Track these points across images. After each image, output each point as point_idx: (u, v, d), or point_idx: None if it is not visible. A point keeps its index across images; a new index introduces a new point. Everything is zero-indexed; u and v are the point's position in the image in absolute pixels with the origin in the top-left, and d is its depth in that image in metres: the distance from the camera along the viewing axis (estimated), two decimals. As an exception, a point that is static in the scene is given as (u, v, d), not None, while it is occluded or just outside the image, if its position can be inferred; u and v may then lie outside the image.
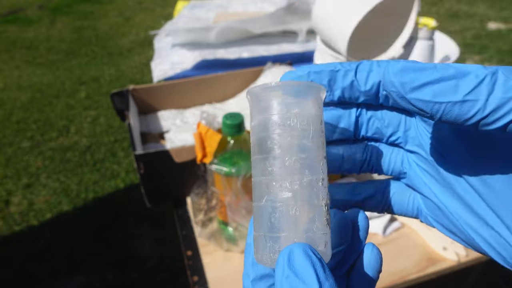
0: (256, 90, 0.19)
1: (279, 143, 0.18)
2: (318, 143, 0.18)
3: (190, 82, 0.97)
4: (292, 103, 0.18)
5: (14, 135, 2.09)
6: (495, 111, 0.15)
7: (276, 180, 0.18)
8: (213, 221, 0.71)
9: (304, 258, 0.16)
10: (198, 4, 1.48)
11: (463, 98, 0.15)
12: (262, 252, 0.18)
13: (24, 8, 3.81)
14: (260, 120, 0.19)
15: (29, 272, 1.40)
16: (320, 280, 0.16)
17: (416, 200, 0.22)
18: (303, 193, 0.18)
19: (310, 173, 0.18)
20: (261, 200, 0.18)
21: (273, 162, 0.18)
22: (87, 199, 1.69)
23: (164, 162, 0.74)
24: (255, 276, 0.19)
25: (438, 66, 0.15)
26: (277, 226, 0.18)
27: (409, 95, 0.16)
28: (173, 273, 1.38)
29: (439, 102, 0.15)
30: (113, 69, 2.71)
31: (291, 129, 0.18)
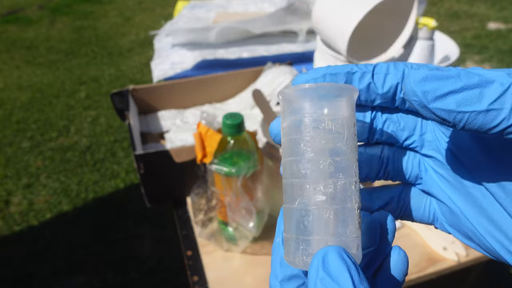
0: (289, 91, 0.19)
1: (312, 146, 0.18)
2: (352, 146, 0.18)
3: (190, 82, 0.97)
4: (326, 105, 0.18)
5: (14, 135, 2.09)
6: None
7: (309, 183, 0.18)
8: (213, 221, 0.71)
9: (339, 261, 0.16)
10: (198, 4, 1.48)
11: (487, 107, 0.15)
12: (294, 254, 0.18)
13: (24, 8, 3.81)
14: (293, 121, 0.19)
15: (29, 272, 1.40)
16: (355, 283, 0.15)
17: (432, 206, 0.22)
18: (337, 197, 0.18)
19: (344, 176, 0.18)
20: (294, 202, 0.18)
21: (307, 165, 0.18)
22: (87, 199, 1.69)
23: (164, 162, 0.74)
24: (284, 276, 0.19)
25: (461, 74, 0.15)
26: (310, 229, 0.18)
27: (432, 104, 0.15)
28: (173, 273, 1.38)
29: (462, 111, 0.15)
30: (113, 69, 2.71)
31: (325, 131, 0.18)
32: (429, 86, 0.15)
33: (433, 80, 0.15)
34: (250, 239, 0.67)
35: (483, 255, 0.69)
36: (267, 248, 0.69)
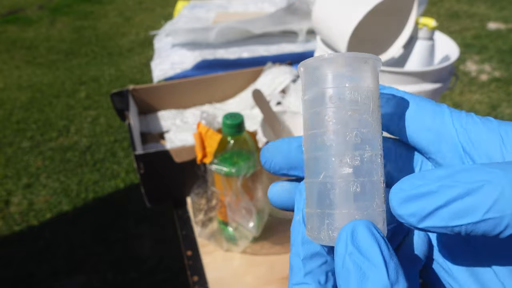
0: (311, 61, 0.18)
1: (338, 117, 0.17)
2: (377, 118, 0.18)
3: (190, 82, 0.97)
4: (351, 76, 0.17)
5: (14, 135, 2.09)
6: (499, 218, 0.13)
7: (335, 156, 0.17)
8: (213, 221, 0.71)
9: (368, 235, 0.15)
10: (198, 4, 1.48)
11: (483, 217, 0.13)
12: (319, 229, 0.17)
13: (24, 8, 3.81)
14: (316, 93, 0.18)
15: (29, 272, 1.40)
16: (385, 258, 0.15)
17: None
18: (364, 169, 0.17)
19: (370, 149, 0.17)
20: (318, 176, 0.18)
21: (333, 137, 0.17)
22: (87, 199, 1.69)
23: (164, 162, 0.74)
24: (306, 254, 0.19)
25: (444, 185, 0.14)
26: (336, 203, 0.17)
27: (421, 225, 0.14)
28: (173, 273, 1.38)
29: (457, 225, 0.14)
30: (113, 69, 2.71)
31: (352, 102, 0.17)
32: (412, 208, 0.14)
33: (414, 200, 0.14)
34: (250, 239, 0.67)
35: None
36: (267, 248, 0.69)
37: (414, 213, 0.14)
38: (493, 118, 0.17)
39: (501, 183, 0.13)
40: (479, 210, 0.13)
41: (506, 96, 2.24)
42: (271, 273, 0.66)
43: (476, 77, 2.43)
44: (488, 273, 0.17)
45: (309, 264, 0.19)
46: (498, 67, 2.52)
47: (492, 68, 2.52)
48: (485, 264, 0.17)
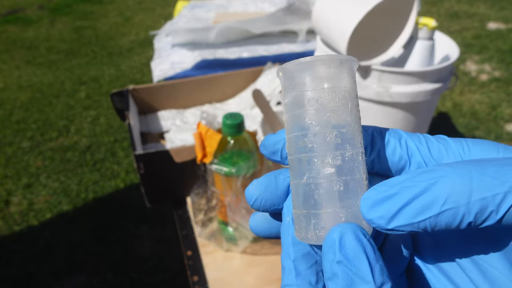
0: (289, 66, 0.18)
1: (318, 119, 0.18)
2: (356, 117, 0.18)
3: (190, 82, 0.97)
4: (328, 77, 0.18)
5: (14, 135, 2.09)
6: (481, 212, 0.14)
7: (317, 157, 0.18)
8: (213, 221, 0.71)
9: (355, 242, 0.16)
10: (198, 4, 1.48)
11: (441, 209, 0.15)
12: (307, 230, 0.18)
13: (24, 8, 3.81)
14: (295, 96, 0.18)
15: (29, 272, 1.40)
16: (371, 262, 0.16)
17: None
18: (346, 168, 0.18)
19: (351, 147, 0.18)
20: (302, 177, 0.18)
21: (313, 138, 0.18)
22: (87, 199, 1.69)
23: (164, 162, 0.74)
24: (296, 255, 0.19)
25: (405, 186, 0.15)
26: (321, 202, 0.18)
27: (390, 225, 0.16)
28: (173, 273, 1.38)
29: (421, 220, 0.15)
30: (113, 69, 2.71)
31: (331, 103, 0.18)
32: (379, 211, 0.16)
33: (380, 204, 0.16)
34: (250, 239, 0.67)
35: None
36: (267, 248, 0.69)
37: (382, 215, 0.16)
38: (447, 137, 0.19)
39: (453, 178, 0.14)
40: (436, 204, 0.15)
41: (506, 96, 2.24)
42: (271, 273, 0.66)
43: (476, 77, 2.43)
44: (454, 268, 0.18)
45: (300, 265, 0.19)
46: (498, 67, 2.52)
47: (492, 68, 2.52)
48: (451, 259, 0.18)
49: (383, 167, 0.20)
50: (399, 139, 0.19)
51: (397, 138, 0.20)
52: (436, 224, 0.15)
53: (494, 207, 0.14)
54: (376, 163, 0.20)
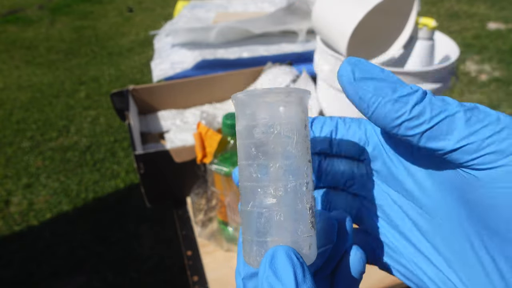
0: (241, 96, 0.19)
1: (262, 150, 0.18)
2: (302, 148, 0.19)
3: (190, 82, 0.97)
4: (276, 110, 0.19)
5: (14, 135, 2.09)
6: (417, 117, 0.16)
7: (261, 187, 0.18)
8: (213, 221, 0.71)
9: (285, 260, 0.17)
10: (198, 4, 1.48)
11: (397, 98, 0.17)
12: (249, 255, 0.19)
13: (24, 8, 3.81)
14: (245, 126, 0.19)
15: (29, 272, 1.40)
16: (298, 281, 0.17)
17: (370, 245, 0.23)
18: (287, 199, 0.18)
19: (294, 179, 0.18)
20: (247, 205, 0.19)
21: (258, 168, 0.18)
22: (87, 199, 1.69)
23: (164, 162, 0.74)
24: (246, 274, 0.20)
25: (385, 72, 0.18)
26: (262, 231, 0.18)
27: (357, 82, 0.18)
28: (173, 273, 1.38)
29: (377, 95, 0.17)
30: (113, 69, 2.71)
31: (275, 136, 0.18)
32: (360, 67, 0.18)
33: (362, 65, 0.18)
34: (250, 239, 0.67)
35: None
36: (267, 248, 0.69)
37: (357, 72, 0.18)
38: None
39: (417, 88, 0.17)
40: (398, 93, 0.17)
41: (506, 96, 2.24)
42: (271, 273, 0.65)
43: (476, 77, 2.43)
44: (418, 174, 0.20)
45: (248, 283, 0.20)
46: (498, 67, 2.52)
47: (492, 68, 2.52)
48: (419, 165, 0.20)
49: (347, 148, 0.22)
50: (359, 124, 0.22)
51: (357, 123, 0.22)
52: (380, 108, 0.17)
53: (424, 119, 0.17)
54: (341, 145, 0.22)
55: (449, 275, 0.19)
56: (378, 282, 0.64)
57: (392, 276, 0.70)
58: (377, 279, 0.65)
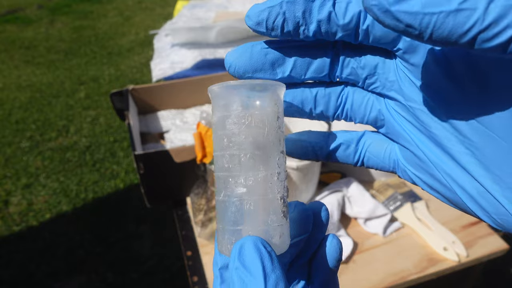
0: (215, 88, 0.19)
1: (234, 141, 0.19)
2: (274, 139, 0.19)
3: (190, 82, 0.97)
4: (248, 102, 0.19)
5: (13, 135, 2.09)
6: (496, 22, 0.12)
7: (232, 176, 0.19)
8: (213, 221, 0.71)
9: (253, 251, 0.17)
10: (198, 3, 1.48)
11: (458, 7, 0.12)
12: (221, 243, 0.19)
13: (23, 8, 3.81)
14: (218, 117, 0.20)
15: (29, 273, 1.40)
16: (266, 271, 0.17)
17: (394, 152, 0.21)
18: (258, 188, 0.19)
19: (264, 169, 0.19)
20: (220, 194, 0.19)
21: (230, 159, 0.19)
22: (87, 199, 1.69)
23: (164, 162, 0.74)
24: (222, 264, 0.20)
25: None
26: (233, 219, 0.19)
27: (394, 7, 0.13)
28: (173, 273, 1.38)
29: (430, 13, 0.13)
30: (113, 69, 2.70)
31: (246, 127, 0.19)
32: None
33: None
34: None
35: (484, 255, 0.68)
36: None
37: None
38: None
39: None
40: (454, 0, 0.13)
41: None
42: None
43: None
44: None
45: (225, 273, 0.20)
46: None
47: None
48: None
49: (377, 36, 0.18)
50: None
51: None
52: (440, 26, 0.13)
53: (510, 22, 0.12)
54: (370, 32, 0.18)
55: (491, 189, 0.16)
56: (378, 283, 0.64)
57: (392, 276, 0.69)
58: (377, 279, 0.65)
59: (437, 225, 0.72)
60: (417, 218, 0.73)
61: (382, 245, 0.70)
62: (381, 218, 0.73)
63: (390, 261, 0.67)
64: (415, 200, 0.78)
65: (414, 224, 0.73)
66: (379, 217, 0.73)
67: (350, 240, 0.70)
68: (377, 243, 0.71)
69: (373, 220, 0.73)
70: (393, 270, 0.66)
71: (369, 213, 0.72)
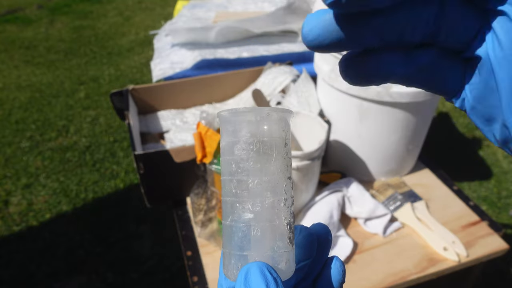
0: (224, 114, 0.20)
1: (242, 167, 0.19)
2: (281, 166, 0.19)
3: (190, 82, 0.97)
4: (256, 129, 0.19)
5: (13, 135, 2.09)
6: None
7: (239, 202, 0.19)
8: (213, 221, 0.71)
9: (259, 277, 0.17)
10: (198, 3, 1.48)
11: None
12: (227, 268, 0.20)
13: (23, 8, 3.80)
14: (227, 142, 0.20)
15: (29, 273, 1.40)
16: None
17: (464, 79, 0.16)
18: (264, 214, 0.19)
19: (272, 195, 0.19)
20: (227, 219, 0.20)
21: (237, 184, 0.19)
22: (87, 199, 1.69)
23: (164, 162, 0.74)
24: (228, 286, 0.21)
25: None
26: (239, 245, 0.19)
27: None
28: (173, 273, 1.38)
29: None
30: (113, 69, 2.70)
31: (254, 153, 0.19)
32: None
33: None
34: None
35: (484, 255, 0.68)
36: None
37: None
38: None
39: None
40: None
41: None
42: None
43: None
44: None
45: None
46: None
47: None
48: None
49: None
50: None
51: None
52: None
53: None
54: None
55: None
56: (378, 283, 0.64)
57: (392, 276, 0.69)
58: (377, 279, 0.65)
59: (437, 225, 0.72)
60: (417, 218, 0.73)
61: (382, 245, 0.70)
62: (381, 218, 0.73)
63: (390, 261, 0.67)
64: (415, 200, 0.78)
65: (414, 224, 0.73)
66: (379, 217, 0.73)
67: (350, 240, 0.70)
68: (377, 243, 0.71)
69: (373, 220, 0.73)
70: (393, 270, 0.66)
71: (369, 213, 0.72)
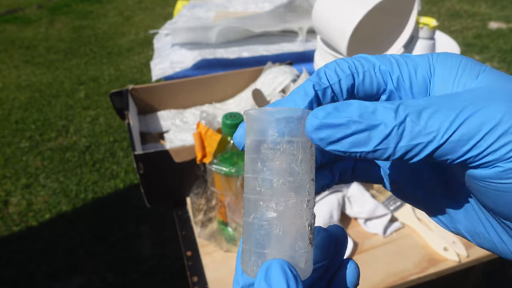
0: (251, 112, 0.20)
1: (268, 166, 0.19)
2: (306, 167, 0.20)
3: (190, 82, 0.96)
4: (284, 129, 0.19)
5: (13, 135, 2.09)
6: (406, 154, 0.17)
7: (263, 200, 0.19)
8: (212, 221, 0.70)
9: (280, 273, 0.18)
10: (198, 3, 1.48)
11: (374, 148, 0.17)
12: (247, 264, 0.20)
13: (23, 8, 3.80)
14: (253, 141, 0.20)
15: (28, 273, 1.40)
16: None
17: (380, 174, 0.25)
18: (288, 214, 0.19)
19: (295, 196, 0.19)
20: (249, 216, 0.20)
21: (262, 183, 0.19)
22: (87, 199, 1.69)
23: (164, 162, 0.73)
24: (244, 284, 0.21)
25: (352, 120, 0.17)
26: (261, 242, 0.19)
27: (328, 147, 0.17)
28: (173, 273, 1.38)
29: (354, 151, 0.17)
30: (113, 69, 2.70)
31: (281, 153, 0.19)
32: (323, 134, 0.17)
33: (326, 128, 0.17)
34: (250, 240, 0.67)
35: (484, 255, 0.68)
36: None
37: (324, 138, 0.17)
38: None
39: (392, 125, 0.16)
40: (372, 143, 0.17)
41: (506, 96, 2.24)
42: (271, 274, 0.65)
43: (476, 77, 2.43)
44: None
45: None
46: (499, 66, 2.52)
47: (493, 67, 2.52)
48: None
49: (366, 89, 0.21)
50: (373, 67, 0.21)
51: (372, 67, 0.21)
52: (365, 157, 0.17)
53: (417, 151, 0.17)
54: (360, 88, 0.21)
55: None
56: (378, 283, 0.64)
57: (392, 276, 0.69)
58: (377, 280, 0.65)
59: (437, 225, 0.72)
60: (417, 218, 0.73)
61: (382, 245, 0.70)
62: (381, 218, 0.72)
63: (390, 261, 0.67)
64: (415, 200, 0.78)
65: (414, 224, 0.72)
66: (379, 217, 0.73)
67: (350, 240, 0.70)
68: (377, 243, 0.71)
69: (373, 220, 0.73)
70: (393, 270, 0.66)
71: (369, 213, 0.72)
